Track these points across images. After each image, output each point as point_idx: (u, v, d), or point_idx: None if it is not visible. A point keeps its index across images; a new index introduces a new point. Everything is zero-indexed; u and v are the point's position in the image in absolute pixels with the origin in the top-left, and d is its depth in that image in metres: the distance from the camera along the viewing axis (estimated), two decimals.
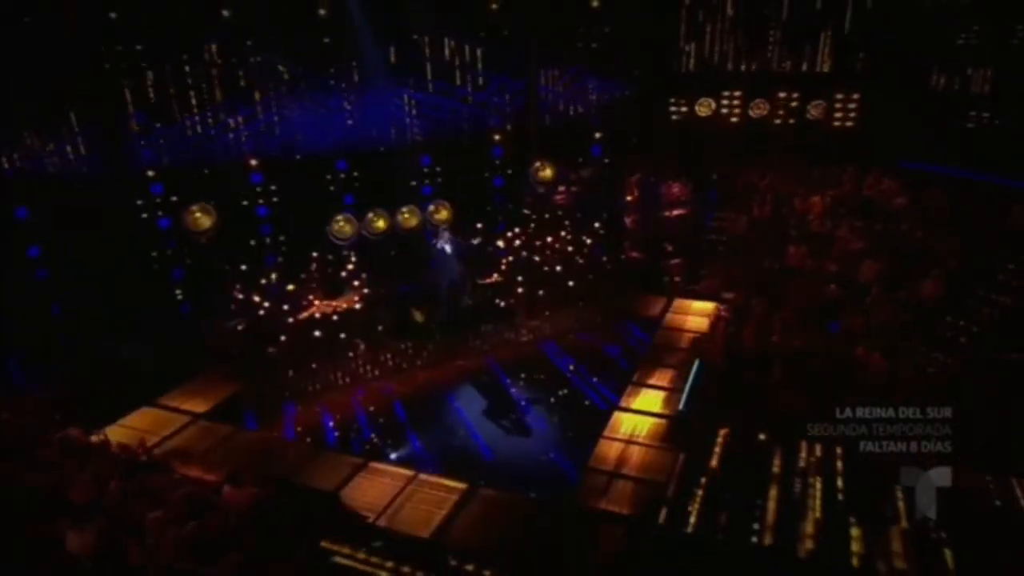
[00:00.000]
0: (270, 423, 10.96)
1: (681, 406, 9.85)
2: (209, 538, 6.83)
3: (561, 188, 16.18)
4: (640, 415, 9.94)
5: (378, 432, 10.86)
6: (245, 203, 14.40)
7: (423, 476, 8.99)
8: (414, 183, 15.67)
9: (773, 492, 7.44)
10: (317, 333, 11.95)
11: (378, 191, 14.92)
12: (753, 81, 16.73)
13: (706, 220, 15.91)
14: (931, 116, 14.43)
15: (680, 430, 9.28)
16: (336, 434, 10.70)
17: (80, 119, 12.74)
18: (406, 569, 6.89)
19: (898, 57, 14.88)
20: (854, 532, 6.72)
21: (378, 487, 8.83)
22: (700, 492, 7.54)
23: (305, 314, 12.48)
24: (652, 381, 10.83)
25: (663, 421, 9.74)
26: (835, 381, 9.51)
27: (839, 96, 16.07)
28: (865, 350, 10.12)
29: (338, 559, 7.03)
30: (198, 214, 12.67)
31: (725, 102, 17.16)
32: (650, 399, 10.34)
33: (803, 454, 7.94)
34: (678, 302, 13.60)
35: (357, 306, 12.86)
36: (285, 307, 12.33)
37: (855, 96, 15.96)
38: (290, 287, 12.65)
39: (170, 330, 12.33)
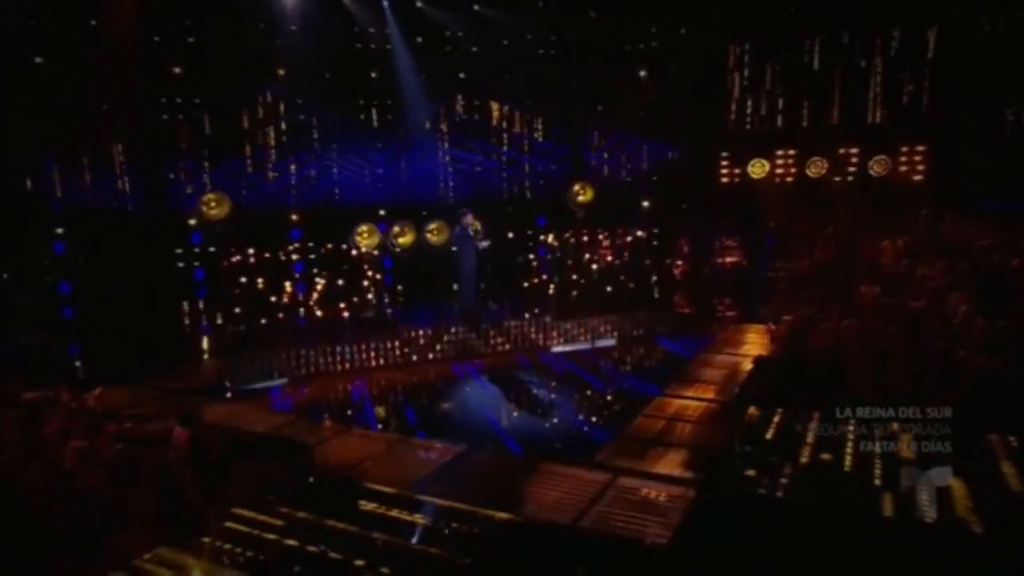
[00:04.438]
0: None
1: (737, 391, 8.03)
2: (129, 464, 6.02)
3: (606, 244, 15.22)
4: (688, 400, 8.18)
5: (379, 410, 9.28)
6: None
7: (413, 440, 7.54)
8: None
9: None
10: (319, 313, 10.75)
11: None
12: (809, 138, 15.97)
13: (762, 269, 14.51)
14: (1012, 155, 13.21)
15: (738, 410, 7.43)
16: (324, 416, 8.98)
17: (128, 161, 12.51)
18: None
19: (968, 100, 13.97)
20: None
21: (359, 447, 7.41)
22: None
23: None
24: (703, 376, 9.12)
25: (714, 405, 7.95)
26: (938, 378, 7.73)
27: (904, 148, 15.05)
28: (967, 352, 8.34)
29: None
30: (213, 204, 12.00)
31: (780, 162, 16.30)
32: (700, 390, 8.61)
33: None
34: (732, 326, 11.98)
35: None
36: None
37: (919, 148, 14.92)
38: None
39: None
